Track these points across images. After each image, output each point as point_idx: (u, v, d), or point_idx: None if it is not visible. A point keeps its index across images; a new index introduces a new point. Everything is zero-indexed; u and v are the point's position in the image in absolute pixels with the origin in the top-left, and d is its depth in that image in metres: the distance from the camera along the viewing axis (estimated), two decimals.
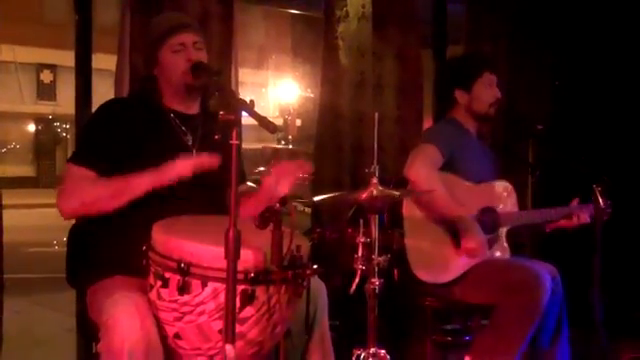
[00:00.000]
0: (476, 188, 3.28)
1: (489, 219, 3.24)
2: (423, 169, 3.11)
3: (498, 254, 3.27)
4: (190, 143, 2.60)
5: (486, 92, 3.37)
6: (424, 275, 3.12)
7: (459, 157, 3.26)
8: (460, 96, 3.38)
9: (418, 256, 3.12)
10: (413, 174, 3.11)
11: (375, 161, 2.63)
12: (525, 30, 4.88)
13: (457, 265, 3.16)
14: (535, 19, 4.90)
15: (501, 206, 3.30)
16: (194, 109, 2.67)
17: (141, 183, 2.35)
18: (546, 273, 3.06)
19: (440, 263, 3.14)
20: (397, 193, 2.71)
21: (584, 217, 3.34)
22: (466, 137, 3.39)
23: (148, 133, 2.52)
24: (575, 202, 3.40)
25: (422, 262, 3.12)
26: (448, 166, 3.22)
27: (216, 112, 2.52)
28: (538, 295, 2.98)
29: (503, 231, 3.29)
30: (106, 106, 2.61)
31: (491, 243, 3.25)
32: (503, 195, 3.36)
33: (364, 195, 2.53)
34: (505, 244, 3.31)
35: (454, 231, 3.16)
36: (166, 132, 2.58)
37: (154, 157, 2.45)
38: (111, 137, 2.46)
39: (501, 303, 3.03)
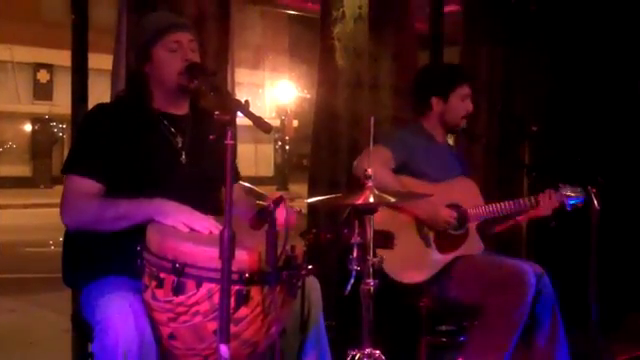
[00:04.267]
0: (435, 187, 3.27)
1: (455, 215, 3.26)
2: (374, 167, 3.14)
3: (472, 250, 3.28)
4: (180, 145, 2.58)
5: (461, 104, 3.42)
6: (400, 277, 3.12)
7: (415, 161, 3.30)
8: (436, 104, 3.43)
9: (392, 260, 3.09)
10: (360, 171, 3.14)
11: (370, 164, 2.64)
12: (521, 31, 4.89)
13: (430, 264, 3.18)
14: (531, 21, 4.91)
15: (465, 201, 3.31)
16: (183, 109, 2.64)
17: (144, 213, 2.29)
18: (530, 270, 3.07)
19: (411, 263, 3.16)
20: (392, 198, 2.71)
21: (554, 200, 3.32)
22: (428, 142, 3.43)
23: (137, 137, 2.49)
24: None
25: (394, 262, 3.11)
26: (403, 170, 3.27)
27: (206, 112, 2.53)
28: (522, 293, 3.00)
29: (473, 226, 3.31)
30: (93, 114, 2.57)
31: (462, 239, 3.26)
32: (465, 191, 3.37)
33: (359, 200, 2.54)
34: (478, 238, 3.32)
35: (420, 227, 3.21)
36: (155, 135, 2.55)
37: (144, 161, 2.46)
38: (104, 144, 2.44)
39: (486, 303, 3.05)
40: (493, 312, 3.03)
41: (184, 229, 2.23)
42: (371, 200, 2.54)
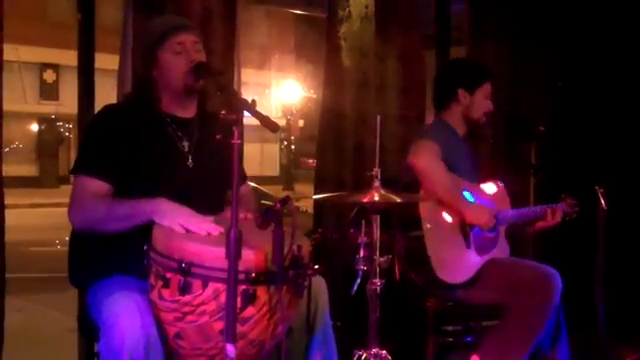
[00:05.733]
0: (474, 188, 3.30)
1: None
2: (430, 158, 3.12)
3: (502, 253, 3.27)
4: (186, 150, 2.58)
5: (485, 101, 3.41)
6: (444, 275, 3.12)
7: (451, 159, 3.27)
8: (462, 96, 3.40)
9: (438, 256, 3.11)
10: (421, 162, 3.12)
11: (377, 164, 2.64)
12: (527, 31, 4.88)
13: (470, 265, 3.17)
14: (537, 20, 4.90)
15: (497, 205, 3.29)
16: (191, 112, 2.64)
17: (143, 213, 2.28)
18: (557, 274, 3.07)
19: (455, 263, 3.16)
20: (398, 199, 2.70)
21: (558, 214, 3.33)
22: (455, 139, 3.41)
23: (144, 140, 2.50)
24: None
25: (441, 263, 3.12)
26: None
27: (213, 115, 2.53)
28: (550, 296, 3.00)
29: (502, 230, 3.30)
30: (103, 114, 2.58)
31: (493, 243, 3.25)
32: (497, 195, 3.37)
33: (365, 199, 2.54)
34: (506, 242, 3.32)
35: (463, 228, 3.19)
36: (162, 139, 2.55)
37: (151, 165, 2.47)
38: (112, 145, 2.45)
39: (512, 303, 3.04)
40: (518, 313, 3.02)
41: (181, 231, 2.21)
42: (376, 199, 2.53)
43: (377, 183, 2.59)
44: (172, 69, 2.52)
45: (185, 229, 2.21)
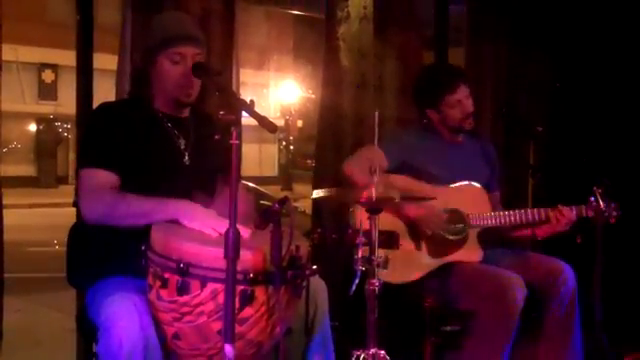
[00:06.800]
0: (436, 190, 3.23)
1: (454, 220, 3.24)
2: (360, 165, 3.12)
3: (469, 257, 3.25)
4: (183, 147, 2.59)
5: (454, 110, 3.39)
6: (385, 275, 3.11)
7: (417, 160, 3.29)
8: (432, 114, 3.45)
9: None
10: (348, 169, 3.19)
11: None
12: (526, 32, 4.89)
13: (420, 265, 3.18)
14: (535, 21, 4.90)
15: (469, 207, 3.27)
16: (185, 112, 2.67)
17: (169, 213, 2.29)
18: (517, 283, 3.03)
19: (401, 264, 3.11)
20: (397, 198, 2.70)
21: (568, 216, 3.24)
22: (434, 141, 3.43)
23: (142, 137, 2.51)
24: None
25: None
26: (404, 169, 3.26)
27: (207, 115, 2.54)
28: (509, 306, 2.99)
29: (474, 232, 3.28)
30: (99, 111, 2.60)
31: (458, 246, 3.24)
32: (470, 198, 3.33)
33: (363, 197, 2.54)
34: (477, 246, 3.29)
35: (412, 229, 3.20)
36: (159, 136, 2.57)
37: (148, 161, 2.48)
38: (113, 138, 2.46)
39: (476, 311, 3.05)
40: (481, 321, 3.04)
41: (213, 234, 2.21)
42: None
43: (376, 179, 2.58)
44: (167, 77, 2.54)
45: (218, 233, 2.19)
